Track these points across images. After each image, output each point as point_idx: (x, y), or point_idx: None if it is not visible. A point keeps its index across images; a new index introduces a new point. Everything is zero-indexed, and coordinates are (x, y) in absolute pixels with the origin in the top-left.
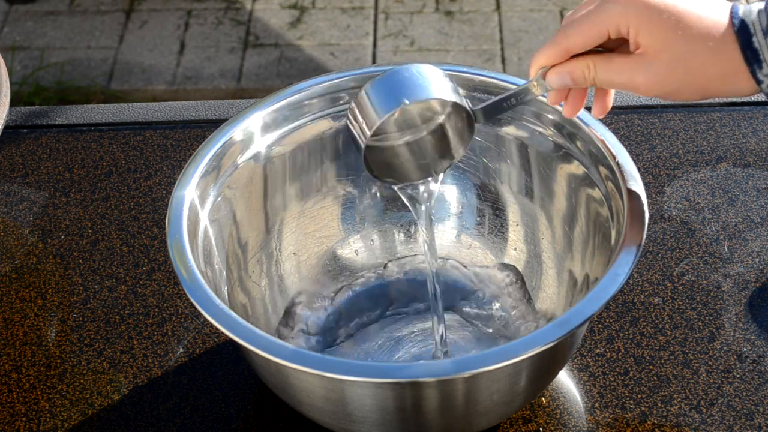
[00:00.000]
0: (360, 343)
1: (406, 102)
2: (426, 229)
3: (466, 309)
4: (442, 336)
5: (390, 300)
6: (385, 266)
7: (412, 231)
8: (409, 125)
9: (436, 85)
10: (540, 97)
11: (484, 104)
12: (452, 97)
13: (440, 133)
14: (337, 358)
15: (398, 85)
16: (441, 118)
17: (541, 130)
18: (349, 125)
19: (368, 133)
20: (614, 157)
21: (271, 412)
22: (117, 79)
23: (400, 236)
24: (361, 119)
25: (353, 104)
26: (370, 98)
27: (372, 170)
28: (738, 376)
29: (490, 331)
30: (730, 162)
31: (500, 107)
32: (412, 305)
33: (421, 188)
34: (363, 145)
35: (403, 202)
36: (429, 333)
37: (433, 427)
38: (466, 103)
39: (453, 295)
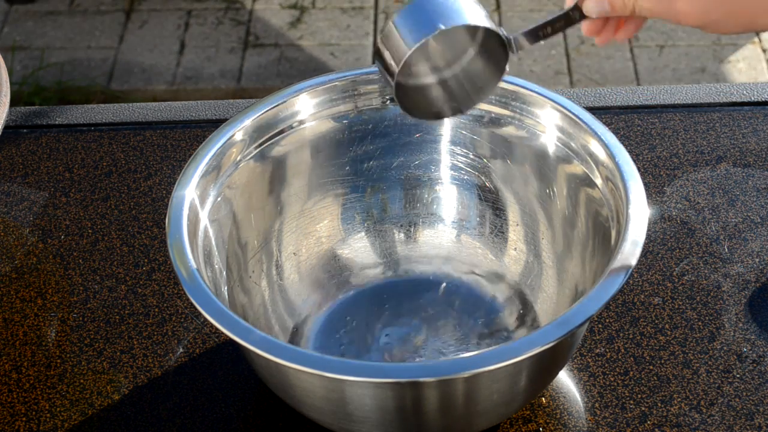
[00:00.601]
0: (360, 342)
1: (442, 27)
2: None
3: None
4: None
5: (390, 299)
6: (385, 266)
7: (412, 231)
8: (440, 62)
9: (469, 11)
10: (542, 96)
11: (519, 32)
12: (485, 23)
13: (472, 68)
14: (337, 358)
15: (428, 12)
16: (472, 52)
17: (541, 130)
18: (378, 59)
19: (396, 66)
20: (614, 157)
21: (271, 412)
22: (117, 79)
23: (400, 236)
24: (390, 52)
25: (380, 39)
26: (398, 29)
27: (404, 106)
28: (738, 376)
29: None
30: (730, 162)
31: (536, 35)
32: (413, 304)
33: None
34: (394, 81)
35: (402, 201)
36: (428, 330)
37: (433, 427)
38: (501, 31)
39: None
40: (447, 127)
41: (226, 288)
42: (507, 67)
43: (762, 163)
